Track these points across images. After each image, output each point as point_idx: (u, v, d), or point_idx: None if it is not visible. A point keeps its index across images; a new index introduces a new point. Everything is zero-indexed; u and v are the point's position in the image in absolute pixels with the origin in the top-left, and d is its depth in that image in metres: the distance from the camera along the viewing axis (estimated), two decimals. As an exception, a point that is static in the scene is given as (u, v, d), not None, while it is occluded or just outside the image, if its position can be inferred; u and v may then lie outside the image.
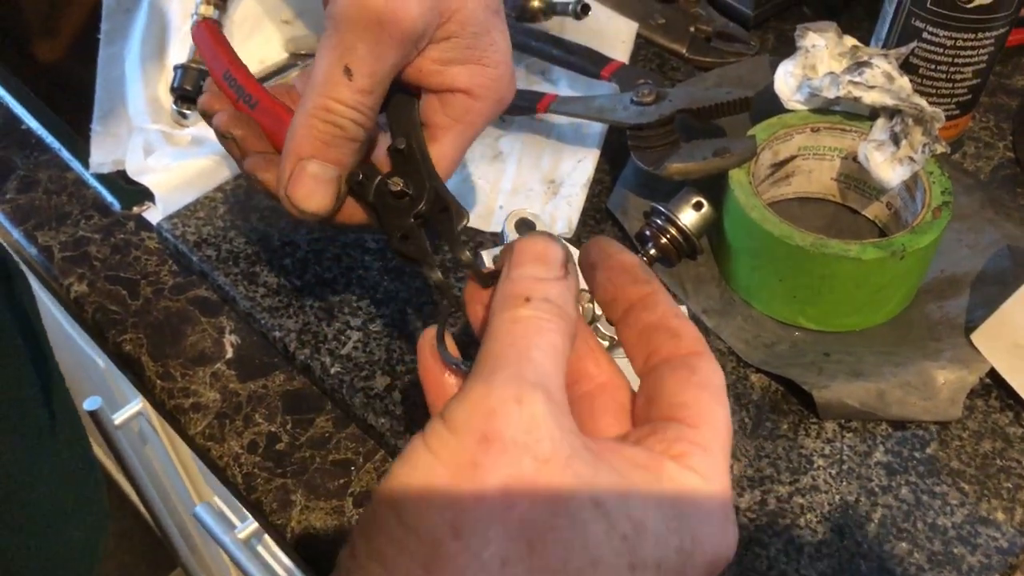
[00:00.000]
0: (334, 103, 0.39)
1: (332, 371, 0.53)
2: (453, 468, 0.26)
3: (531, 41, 0.66)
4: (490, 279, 0.33)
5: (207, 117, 0.44)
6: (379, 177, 0.41)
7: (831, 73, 0.56)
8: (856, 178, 0.59)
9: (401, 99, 0.43)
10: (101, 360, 0.84)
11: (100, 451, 1.08)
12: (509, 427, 0.26)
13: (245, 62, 0.45)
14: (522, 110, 0.62)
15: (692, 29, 0.73)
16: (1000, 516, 0.47)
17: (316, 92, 0.39)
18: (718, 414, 0.30)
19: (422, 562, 0.25)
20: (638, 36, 0.72)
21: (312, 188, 0.39)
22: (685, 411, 0.30)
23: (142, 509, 1.02)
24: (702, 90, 0.57)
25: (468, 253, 0.37)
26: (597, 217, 0.61)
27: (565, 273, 0.31)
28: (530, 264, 0.31)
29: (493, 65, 0.42)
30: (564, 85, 0.67)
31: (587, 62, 0.63)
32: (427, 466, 0.27)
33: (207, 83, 0.46)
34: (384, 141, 0.43)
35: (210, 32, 0.46)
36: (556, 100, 0.60)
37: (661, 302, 0.32)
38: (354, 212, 0.42)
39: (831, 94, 0.55)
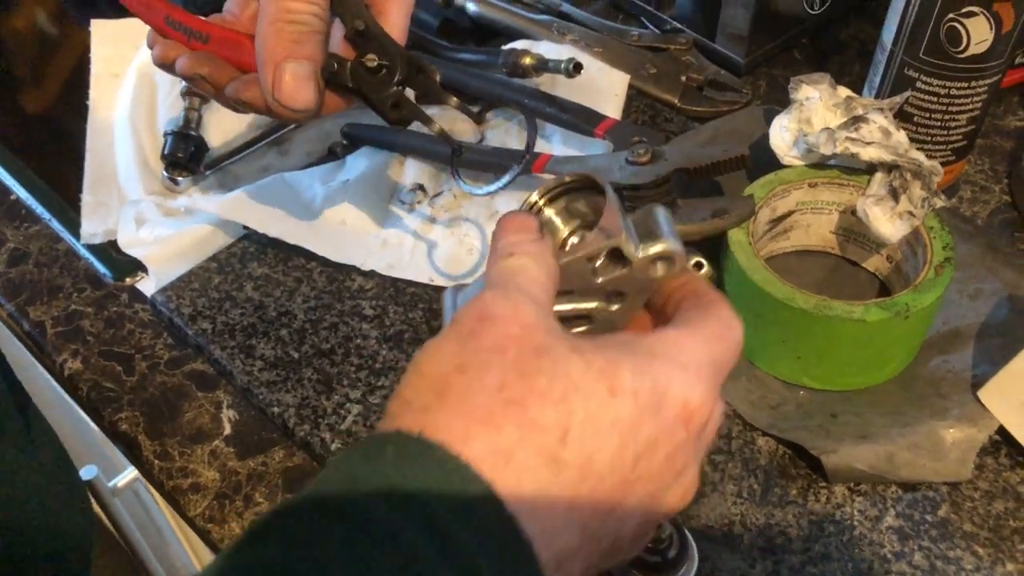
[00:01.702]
0: (293, 3, 0.42)
1: (332, 447, 0.52)
2: (456, 335, 0.33)
3: (524, 99, 0.66)
4: (479, 117, 0.45)
5: (166, 68, 0.47)
6: (350, 62, 0.45)
7: (827, 129, 0.55)
8: (855, 231, 0.58)
9: None
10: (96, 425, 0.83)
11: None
12: (500, 308, 0.33)
13: (236, 126, 0.47)
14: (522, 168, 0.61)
15: (684, 78, 0.73)
16: (1016, 580, 0.46)
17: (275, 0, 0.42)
18: (710, 320, 0.36)
19: (435, 393, 0.32)
20: (630, 87, 0.72)
21: (296, 86, 0.43)
22: (677, 319, 0.37)
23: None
24: (697, 148, 0.57)
25: (455, 99, 0.45)
26: (596, 276, 0.61)
27: (540, 236, 0.38)
28: (512, 232, 0.38)
29: None
30: (558, 142, 0.67)
31: (580, 120, 0.63)
32: (436, 342, 0.33)
33: (150, 35, 0.48)
34: (336, 30, 0.46)
35: None
36: (551, 160, 0.60)
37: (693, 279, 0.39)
38: (333, 101, 0.46)
39: (828, 151, 0.55)
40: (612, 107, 0.69)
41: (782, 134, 0.58)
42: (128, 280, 0.63)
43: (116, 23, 0.75)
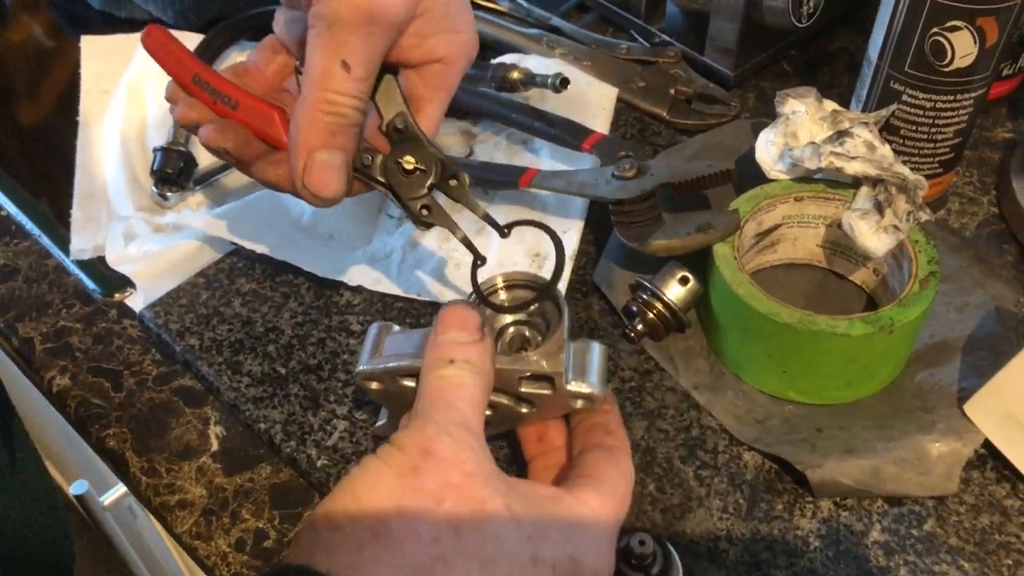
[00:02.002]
0: (335, 95, 0.41)
1: (319, 463, 0.52)
2: (399, 470, 0.35)
3: (512, 113, 0.66)
4: (504, 230, 0.45)
5: (189, 128, 0.46)
6: (381, 156, 0.45)
7: (812, 143, 0.55)
8: (842, 244, 0.59)
9: (384, 79, 0.45)
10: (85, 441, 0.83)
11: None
12: (443, 448, 0.36)
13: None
14: (505, 184, 0.62)
15: (672, 91, 0.73)
16: (1001, 594, 0.46)
17: (317, 87, 0.41)
18: (619, 479, 0.41)
19: (371, 532, 0.33)
20: (619, 100, 0.72)
21: (327, 175, 0.42)
22: (592, 471, 0.41)
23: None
24: (683, 163, 0.57)
25: (482, 206, 0.45)
26: (584, 290, 0.61)
27: (482, 336, 0.40)
28: (453, 330, 0.40)
29: (464, 31, 0.45)
30: (546, 155, 0.67)
31: (568, 134, 0.63)
32: (378, 469, 0.35)
33: (170, 88, 0.46)
34: (370, 118, 0.46)
35: (164, 36, 0.46)
36: (538, 175, 0.60)
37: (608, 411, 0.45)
38: (357, 187, 0.46)
39: (813, 165, 0.55)
40: (600, 120, 0.69)
41: (768, 148, 0.58)
42: (117, 296, 0.63)
43: (106, 39, 0.75)
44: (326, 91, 0.41)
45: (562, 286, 0.60)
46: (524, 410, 0.44)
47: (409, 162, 0.45)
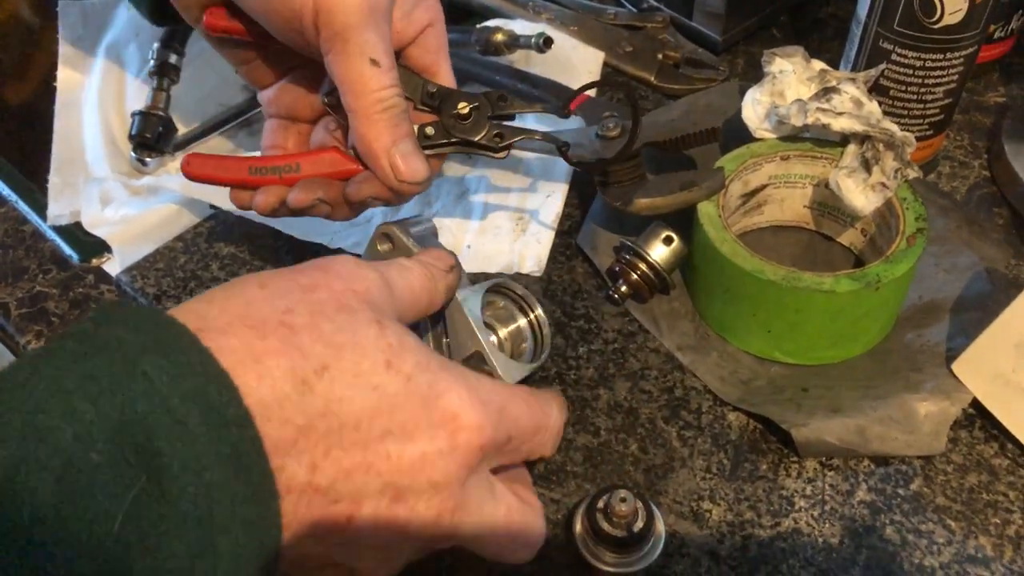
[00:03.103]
0: (380, 92, 0.44)
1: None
2: (286, 270, 0.36)
3: (495, 76, 0.65)
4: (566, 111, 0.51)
5: (280, 213, 0.49)
6: (433, 125, 0.49)
7: (799, 100, 0.54)
8: (830, 205, 0.58)
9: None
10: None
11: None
12: (341, 266, 0.36)
13: (204, 107, 0.47)
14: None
15: (660, 56, 0.72)
16: (989, 553, 0.46)
17: (362, 94, 0.44)
18: (542, 393, 0.42)
19: (222, 292, 0.34)
20: (605, 65, 0.71)
21: (414, 163, 0.46)
22: None
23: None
24: (667, 121, 0.56)
25: (536, 106, 0.50)
26: (568, 253, 0.60)
27: (451, 269, 0.43)
28: (432, 256, 0.43)
29: None
30: (531, 120, 0.66)
31: (552, 95, 0.62)
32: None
33: (235, 195, 0.49)
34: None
35: (201, 158, 0.49)
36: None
37: None
38: (433, 164, 0.49)
39: (799, 122, 0.54)
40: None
41: (754, 107, 0.57)
42: (95, 261, 0.62)
43: (83, 4, 0.74)
44: (371, 93, 0.44)
45: (543, 254, 0.59)
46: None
47: (463, 107, 0.48)
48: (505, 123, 0.50)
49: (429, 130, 0.48)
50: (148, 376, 0.29)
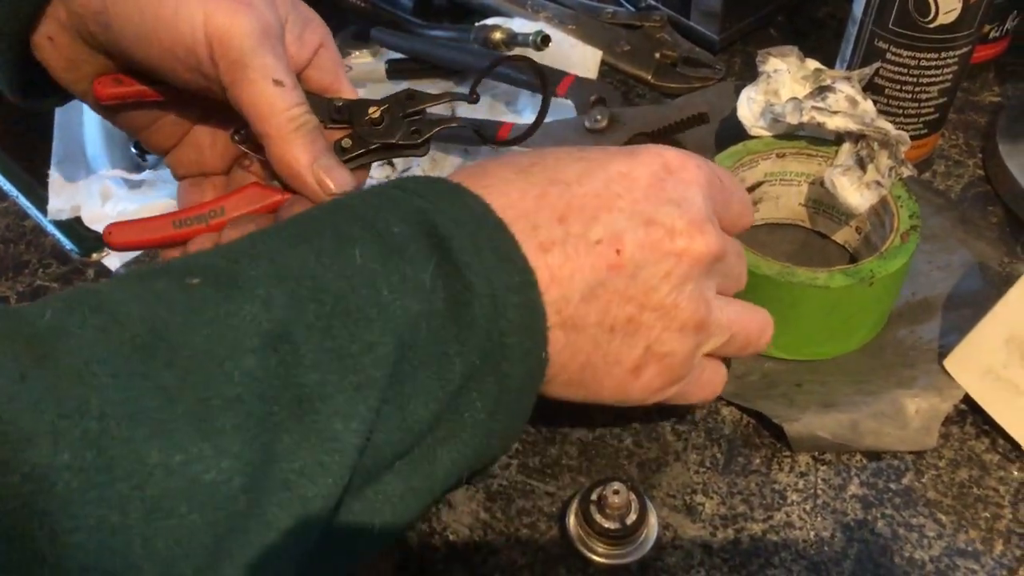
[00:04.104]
0: (290, 110, 0.44)
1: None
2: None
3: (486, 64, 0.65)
4: (472, 97, 0.50)
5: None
6: (350, 136, 0.48)
7: (794, 99, 0.55)
8: (825, 203, 0.58)
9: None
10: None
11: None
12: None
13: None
14: (484, 140, 0.61)
15: (657, 55, 0.72)
16: (979, 547, 0.46)
17: (271, 114, 0.43)
18: None
19: (496, 162, 0.41)
20: (603, 63, 0.72)
21: (338, 175, 0.45)
22: None
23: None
24: (654, 110, 0.56)
25: (447, 94, 0.50)
26: (564, 250, 0.60)
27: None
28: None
29: (312, 13, 0.49)
30: (529, 114, 0.66)
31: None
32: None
33: (165, 255, 0.48)
34: None
35: (122, 226, 0.47)
36: (514, 128, 0.59)
37: None
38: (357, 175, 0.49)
39: (794, 120, 0.54)
40: (583, 82, 0.68)
41: (749, 105, 0.57)
42: (95, 256, 0.62)
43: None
44: (281, 113, 0.43)
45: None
46: None
47: (374, 111, 0.48)
48: (419, 117, 0.49)
49: (346, 142, 0.47)
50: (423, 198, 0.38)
